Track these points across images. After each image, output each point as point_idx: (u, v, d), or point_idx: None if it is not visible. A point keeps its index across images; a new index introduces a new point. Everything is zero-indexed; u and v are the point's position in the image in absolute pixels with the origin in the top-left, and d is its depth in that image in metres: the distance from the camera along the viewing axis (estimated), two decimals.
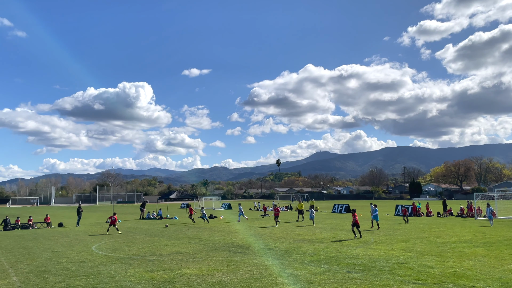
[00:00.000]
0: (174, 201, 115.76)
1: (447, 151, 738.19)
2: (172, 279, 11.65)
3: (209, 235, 23.96)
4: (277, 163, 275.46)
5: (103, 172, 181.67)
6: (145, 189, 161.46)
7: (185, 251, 17.27)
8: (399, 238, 20.92)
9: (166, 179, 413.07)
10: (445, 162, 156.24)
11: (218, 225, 31.13)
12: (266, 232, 25.18)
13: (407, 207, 41.03)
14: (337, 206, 50.10)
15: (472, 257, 14.48)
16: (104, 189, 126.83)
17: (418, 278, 11.24)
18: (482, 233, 22.76)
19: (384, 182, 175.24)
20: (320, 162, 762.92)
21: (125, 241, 21.38)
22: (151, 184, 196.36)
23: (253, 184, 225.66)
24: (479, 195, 40.02)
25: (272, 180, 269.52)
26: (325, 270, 12.54)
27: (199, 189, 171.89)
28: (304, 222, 32.86)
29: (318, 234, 23.48)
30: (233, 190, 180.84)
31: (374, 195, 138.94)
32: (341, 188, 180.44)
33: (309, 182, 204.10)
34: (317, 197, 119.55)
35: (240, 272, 12.54)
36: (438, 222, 31.58)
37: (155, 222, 35.69)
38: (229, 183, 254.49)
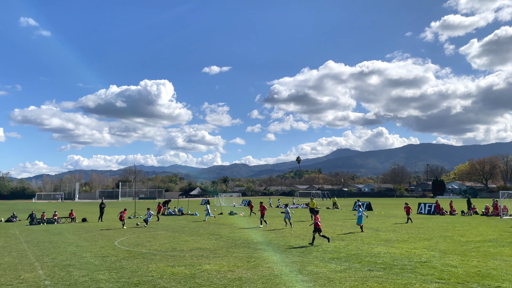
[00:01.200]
0: (195, 198, 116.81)
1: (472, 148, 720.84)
2: (193, 275, 11.77)
3: (230, 231, 24.08)
4: (297, 160, 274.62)
5: (125, 168, 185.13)
6: (166, 185, 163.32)
7: (205, 247, 17.41)
8: (422, 236, 20.58)
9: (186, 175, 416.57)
10: (470, 160, 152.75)
11: (238, 222, 31.25)
12: (286, 229, 25.15)
13: (430, 205, 40.26)
14: (356, 203, 49.52)
15: (497, 257, 14.12)
16: (126, 185, 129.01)
17: (441, 277, 11.03)
18: (508, 232, 22.17)
19: (406, 180, 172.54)
20: (341, 160, 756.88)
21: (147, 237, 21.70)
22: (172, 180, 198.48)
23: (273, 181, 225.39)
24: (505, 194, 38.98)
25: (292, 177, 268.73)
26: (345, 268, 12.45)
27: (220, 186, 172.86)
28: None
29: (338, 231, 23.31)
30: (253, 187, 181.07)
31: (396, 192, 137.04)
32: (362, 186, 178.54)
33: (329, 179, 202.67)
34: (338, 194, 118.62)
35: (260, 268, 12.57)
36: (462, 220, 30.92)
37: (176, 218, 36.10)
38: (249, 180, 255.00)
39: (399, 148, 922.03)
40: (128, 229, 25.91)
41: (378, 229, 24.66)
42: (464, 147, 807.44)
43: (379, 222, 29.56)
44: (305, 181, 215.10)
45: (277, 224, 28.60)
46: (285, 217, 26.51)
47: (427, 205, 40.35)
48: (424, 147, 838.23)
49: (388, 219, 32.30)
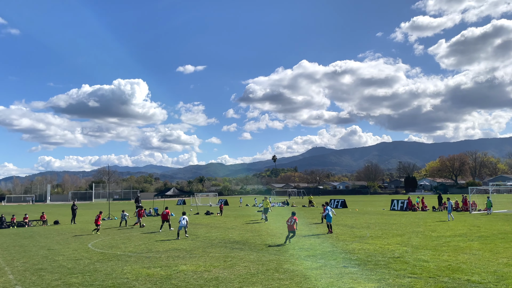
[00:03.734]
0: (171, 198, 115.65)
1: (442, 145, 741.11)
2: (169, 276, 11.67)
3: (206, 231, 23.99)
4: (273, 159, 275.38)
5: (99, 169, 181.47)
6: (141, 186, 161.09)
7: (182, 248, 17.29)
8: (395, 232, 21.04)
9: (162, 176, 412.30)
10: (440, 157, 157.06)
11: (215, 222, 31.17)
12: (263, 228, 25.25)
13: (403, 201, 41.19)
14: (333, 201, 50.19)
15: (467, 251, 14.59)
16: (100, 186, 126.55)
17: (413, 272, 11.32)
18: (477, 227, 22.93)
19: (380, 177, 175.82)
20: (316, 158, 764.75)
21: (122, 238, 21.38)
22: (147, 181, 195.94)
23: (249, 180, 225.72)
24: (473, 189, 40.29)
25: (268, 176, 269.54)
26: (321, 265, 12.61)
27: (196, 185, 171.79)
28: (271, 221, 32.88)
29: (314, 229, 23.57)
30: (230, 186, 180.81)
31: (370, 190, 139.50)
32: (337, 183, 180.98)
33: (305, 177, 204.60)
34: (314, 192, 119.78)
35: (237, 268, 12.58)
36: (433, 216, 31.77)
37: (151, 219, 35.66)
38: (225, 179, 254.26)
39: (372, 146, 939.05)
40: (101, 231, 25.42)
41: (352, 226, 25.06)
42: (435, 145, 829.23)
43: (353, 219, 30.02)
44: (281, 179, 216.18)
45: (253, 223, 28.68)
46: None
47: (400, 202, 41.28)
48: (396, 144, 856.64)
49: (362, 216, 32.85)
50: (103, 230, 26.17)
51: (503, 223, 24.71)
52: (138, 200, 42.69)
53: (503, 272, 10.93)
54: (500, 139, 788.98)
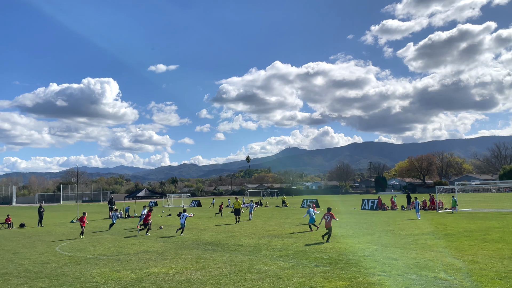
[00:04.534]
0: (142, 199, 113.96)
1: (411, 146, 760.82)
2: (140, 278, 11.48)
3: (178, 233, 23.72)
4: (247, 160, 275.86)
5: (67, 170, 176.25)
6: (112, 187, 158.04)
7: (153, 250, 17.04)
8: (365, 231, 21.43)
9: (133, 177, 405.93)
10: (409, 157, 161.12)
11: (187, 223, 30.85)
12: (236, 228, 25.22)
13: (373, 201, 42.01)
14: (305, 201, 50.72)
15: (434, 249, 15.02)
16: (69, 188, 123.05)
17: (383, 270, 11.56)
18: (443, 225, 23.64)
19: (351, 177, 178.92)
20: (290, 158, 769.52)
21: (91, 241, 20.88)
22: (118, 182, 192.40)
23: (223, 181, 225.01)
24: (440, 189, 41.52)
25: (242, 176, 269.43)
26: (293, 265, 12.69)
27: (168, 186, 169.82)
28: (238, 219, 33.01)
29: (287, 229, 23.71)
30: (203, 187, 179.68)
31: (341, 189, 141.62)
32: (309, 183, 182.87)
33: (278, 178, 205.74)
34: (287, 192, 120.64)
35: (209, 269, 12.51)
36: (402, 215, 32.54)
37: (122, 221, 35.01)
38: (198, 180, 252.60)
39: (344, 146, 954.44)
40: (69, 233, 24.76)
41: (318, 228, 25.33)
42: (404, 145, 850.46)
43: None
44: (255, 180, 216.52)
45: (226, 224, 28.60)
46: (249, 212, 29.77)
47: (370, 201, 42.09)
48: (367, 145, 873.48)
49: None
50: (70, 232, 25.46)
51: (468, 221, 25.58)
52: (111, 202, 41.96)
53: (468, 269, 11.30)
54: (466, 139, 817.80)
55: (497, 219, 26.52)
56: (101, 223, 33.37)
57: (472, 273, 10.83)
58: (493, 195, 69.78)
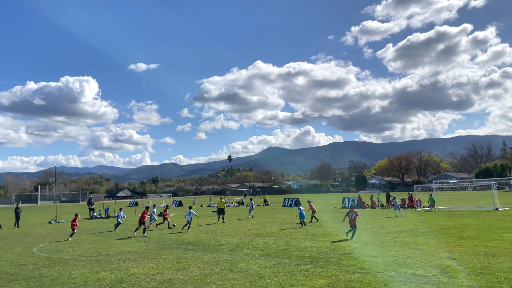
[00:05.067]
0: (123, 199, 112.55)
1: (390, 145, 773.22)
2: (120, 279, 11.35)
3: (159, 233, 23.56)
4: (228, 159, 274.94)
5: (45, 170, 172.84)
6: (91, 187, 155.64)
7: (133, 250, 16.87)
8: (346, 229, 21.64)
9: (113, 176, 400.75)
10: (388, 156, 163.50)
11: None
12: (217, 228, 25.17)
13: (353, 199, 42.52)
14: (287, 200, 50.95)
15: (412, 246, 15.30)
16: (46, 188, 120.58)
17: (362, 267, 11.72)
18: (421, 222, 24.09)
19: (332, 176, 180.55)
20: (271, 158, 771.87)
21: (69, 242, 20.52)
22: (97, 182, 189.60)
23: (204, 181, 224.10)
24: (419, 187, 42.33)
25: (224, 176, 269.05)
26: (275, 264, 12.75)
27: (149, 186, 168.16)
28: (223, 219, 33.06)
29: (268, 228, 23.79)
30: (184, 187, 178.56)
31: (322, 188, 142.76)
32: (291, 183, 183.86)
33: (260, 177, 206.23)
34: (268, 191, 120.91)
35: (191, 269, 12.46)
36: (381, 213, 33.03)
37: (101, 222, 34.52)
38: (180, 179, 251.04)
39: (325, 145, 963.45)
40: (47, 234, 24.28)
41: (306, 224, 25.51)
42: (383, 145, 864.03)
43: (307, 218, 30.55)
44: (237, 179, 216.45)
45: (208, 224, 28.51)
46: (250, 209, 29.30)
47: (351, 200, 42.57)
48: (348, 144, 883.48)
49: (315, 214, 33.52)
50: (49, 234, 24.95)
51: (446, 218, 26.14)
52: (91, 202, 41.38)
53: (445, 266, 11.56)
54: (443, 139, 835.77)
55: (473, 216, 27.18)
56: (80, 223, 32.80)
57: (449, 269, 11.07)
58: (470, 193, 71.43)
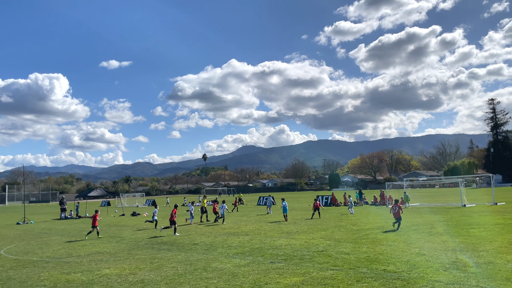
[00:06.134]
0: (94, 199, 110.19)
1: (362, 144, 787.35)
2: (91, 281, 11.12)
3: (132, 233, 23.21)
4: (203, 158, 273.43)
5: (13, 170, 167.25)
6: (62, 187, 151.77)
7: (105, 251, 16.55)
8: (319, 227, 21.94)
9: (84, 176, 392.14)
10: (361, 155, 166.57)
11: (141, 223, 30.24)
12: (191, 227, 25.01)
13: (327, 197, 43.03)
14: (262, 199, 51.09)
15: (383, 243, 15.63)
16: (15, 188, 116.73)
17: (335, 264, 11.90)
18: (393, 219, 24.61)
19: (306, 174, 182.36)
20: (246, 156, 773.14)
21: (39, 243, 19.95)
22: (68, 181, 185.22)
23: (179, 180, 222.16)
24: (390, 185, 43.26)
25: (198, 175, 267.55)
26: (249, 262, 12.78)
27: (122, 186, 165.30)
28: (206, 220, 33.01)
29: (243, 227, 23.81)
30: (158, 186, 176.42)
31: (297, 186, 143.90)
32: (266, 181, 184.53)
33: (235, 176, 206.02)
34: (243, 190, 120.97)
35: (164, 269, 12.33)
36: (354, 210, 33.54)
37: (72, 222, 33.73)
38: (153, 179, 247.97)
39: (299, 144, 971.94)
40: (15, 236, 23.52)
41: (280, 222, 25.70)
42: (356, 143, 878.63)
43: (281, 216, 30.78)
44: (212, 178, 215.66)
45: (182, 223, 28.29)
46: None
47: (324, 197, 43.09)
48: (322, 143, 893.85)
49: (289, 212, 33.78)
50: (17, 235, 24.17)
51: (416, 215, 26.81)
52: (63, 202, 40.35)
53: (415, 261, 11.86)
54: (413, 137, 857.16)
55: (442, 213, 28.00)
56: (50, 224, 31.99)
57: (419, 265, 11.37)
58: (438, 190, 73.57)
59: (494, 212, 26.71)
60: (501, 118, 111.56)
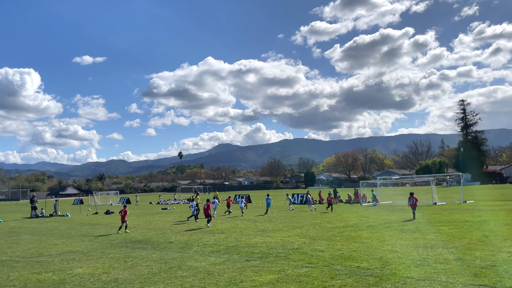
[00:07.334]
0: (67, 197, 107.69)
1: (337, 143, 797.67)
2: (63, 280, 10.88)
3: (106, 231, 22.81)
4: (179, 156, 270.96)
5: None
6: (32, 185, 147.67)
7: (77, 250, 16.22)
8: (294, 225, 22.12)
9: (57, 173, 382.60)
10: (336, 153, 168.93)
11: (115, 221, 29.75)
12: (167, 226, 24.79)
13: (302, 195, 43.37)
14: (238, 197, 51.05)
15: (357, 240, 15.91)
16: None
17: (310, 262, 12.03)
18: (366, 217, 25.08)
19: (282, 173, 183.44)
20: (223, 154, 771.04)
21: (8, 242, 19.36)
22: (39, 179, 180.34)
23: (154, 177, 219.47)
24: (364, 183, 43.99)
25: (174, 172, 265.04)
26: (224, 260, 12.77)
27: (95, 183, 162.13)
28: None
29: (219, 225, 23.76)
30: (133, 184, 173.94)
31: (272, 185, 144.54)
32: (242, 179, 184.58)
33: (211, 174, 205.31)
34: (219, 188, 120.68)
35: (138, 268, 12.18)
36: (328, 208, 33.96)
37: (43, 221, 32.87)
38: (128, 176, 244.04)
39: (275, 142, 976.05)
40: None
41: (255, 220, 25.78)
42: (331, 142, 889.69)
43: (257, 213, 30.90)
44: (187, 176, 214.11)
45: (156, 221, 28.01)
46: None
47: (300, 196, 43.46)
48: (297, 141, 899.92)
49: (265, 210, 33.92)
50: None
51: (389, 213, 27.39)
52: (33, 200, 39.19)
53: (387, 258, 12.12)
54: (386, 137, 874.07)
55: None
56: (20, 223, 31.08)
57: (391, 261, 11.63)
58: (410, 188, 75.31)
59: (463, 210, 27.56)
60: (471, 118, 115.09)
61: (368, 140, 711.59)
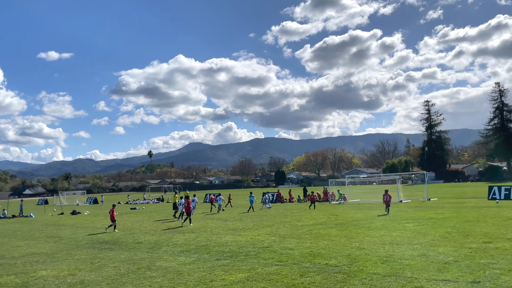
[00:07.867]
0: (30, 197, 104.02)
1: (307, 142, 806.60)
2: (25, 283, 10.53)
3: (71, 232, 22.22)
4: (148, 155, 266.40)
5: None
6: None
7: (42, 252, 15.72)
8: (265, 223, 22.24)
9: (20, 173, 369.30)
10: (306, 152, 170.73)
11: (82, 222, 29.03)
12: (135, 226, 24.38)
13: (273, 194, 43.64)
14: (208, 196, 50.77)
15: (326, 238, 16.16)
16: None
17: (280, 260, 12.14)
18: (335, 215, 25.50)
19: (253, 171, 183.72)
20: (193, 153, 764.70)
21: None
22: (1, 179, 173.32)
23: (122, 177, 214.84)
24: (333, 182, 44.70)
25: (143, 172, 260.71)
26: (194, 260, 12.70)
27: (61, 183, 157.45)
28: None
29: (188, 224, 23.57)
30: (101, 184, 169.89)
31: (243, 184, 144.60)
32: (213, 178, 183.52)
33: (182, 173, 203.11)
34: (190, 187, 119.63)
35: (106, 269, 11.94)
36: (299, 207, 34.36)
37: (5, 222, 31.67)
38: (95, 176, 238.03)
39: (246, 141, 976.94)
40: None
41: (226, 219, 25.74)
42: (301, 141, 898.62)
43: (227, 213, 30.86)
44: (157, 175, 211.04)
45: (125, 221, 27.51)
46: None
47: (270, 194, 43.64)
48: (268, 140, 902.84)
49: (236, 209, 33.96)
50: None
51: (356, 211, 27.94)
52: None
53: (355, 255, 12.38)
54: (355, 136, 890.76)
55: (380, 208, 29.32)
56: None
57: (359, 258, 11.89)
58: (378, 187, 77.04)
59: (427, 208, 28.46)
60: (435, 119, 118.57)
61: (337, 139, 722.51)
